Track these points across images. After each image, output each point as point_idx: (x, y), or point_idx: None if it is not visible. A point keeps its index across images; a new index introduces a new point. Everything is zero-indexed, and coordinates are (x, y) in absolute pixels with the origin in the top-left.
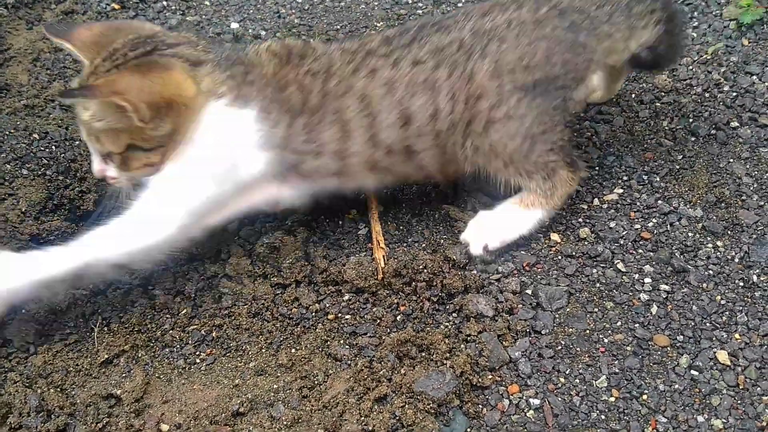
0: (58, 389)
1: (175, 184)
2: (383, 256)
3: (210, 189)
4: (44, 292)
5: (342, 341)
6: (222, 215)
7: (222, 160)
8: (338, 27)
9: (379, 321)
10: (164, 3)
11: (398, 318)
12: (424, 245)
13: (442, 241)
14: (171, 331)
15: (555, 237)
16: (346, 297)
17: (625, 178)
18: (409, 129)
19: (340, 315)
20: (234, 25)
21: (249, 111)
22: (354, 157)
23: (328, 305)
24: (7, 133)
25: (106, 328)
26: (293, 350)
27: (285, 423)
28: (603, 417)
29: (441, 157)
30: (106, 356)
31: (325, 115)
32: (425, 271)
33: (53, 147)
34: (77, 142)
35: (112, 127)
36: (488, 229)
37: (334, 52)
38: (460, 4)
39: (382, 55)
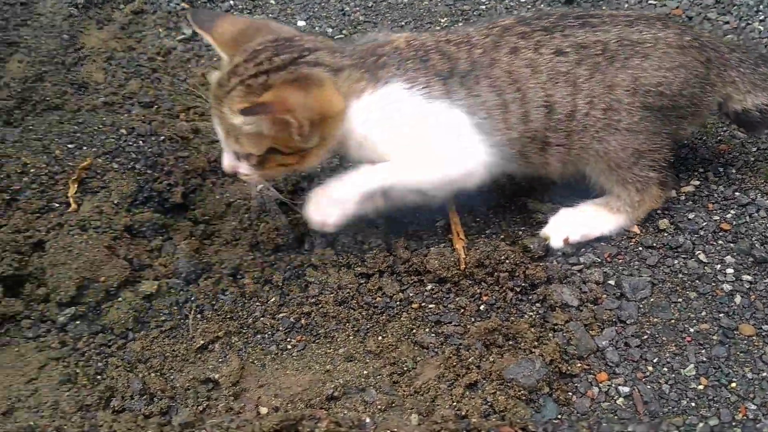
0: (158, 373)
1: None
2: (463, 247)
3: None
4: (366, 204)
5: (427, 329)
6: None
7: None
8: (402, 23)
9: (462, 310)
10: (231, 2)
11: (481, 307)
12: (502, 236)
13: (521, 232)
14: (262, 318)
15: (635, 228)
16: (429, 287)
17: (701, 170)
18: (551, 118)
19: (423, 304)
20: (300, 23)
21: (394, 85)
22: (512, 131)
23: (411, 294)
24: (96, 128)
25: (199, 316)
26: (380, 337)
27: (379, 407)
28: (693, 404)
29: (565, 156)
30: (202, 342)
31: (479, 80)
32: (507, 261)
33: (140, 142)
34: (162, 138)
35: (258, 133)
36: (570, 225)
37: (464, 28)
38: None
39: (521, 34)
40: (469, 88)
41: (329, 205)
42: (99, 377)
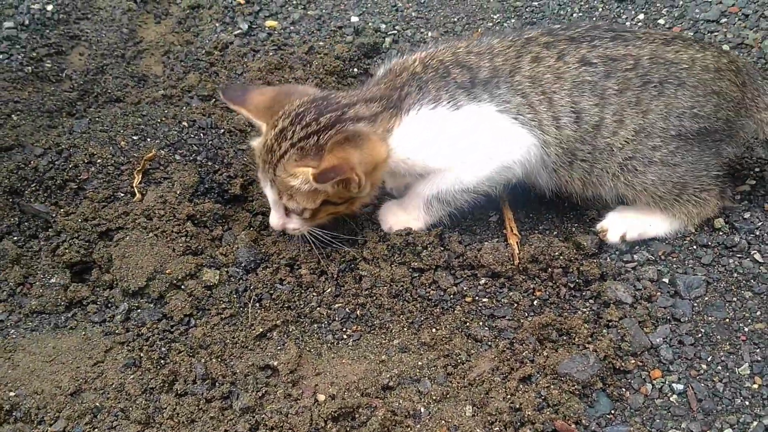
0: (219, 359)
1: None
2: (517, 242)
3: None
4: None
5: (481, 323)
6: None
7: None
8: (455, 20)
9: (516, 305)
10: None
11: (535, 302)
12: (555, 233)
13: (573, 229)
14: (318, 308)
15: (689, 227)
16: (483, 281)
17: (756, 169)
18: (580, 127)
19: (477, 298)
20: (354, 19)
21: (418, 110)
22: (547, 134)
23: (465, 288)
24: (159, 121)
25: (258, 304)
26: (434, 330)
27: (434, 398)
28: (747, 403)
29: (587, 175)
30: (261, 330)
31: (500, 85)
32: (561, 257)
33: (201, 134)
34: (222, 131)
35: (315, 190)
36: (628, 222)
37: (488, 40)
38: None
39: (544, 45)
40: (491, 92)
41: (398, 213)
42: (162, 361)
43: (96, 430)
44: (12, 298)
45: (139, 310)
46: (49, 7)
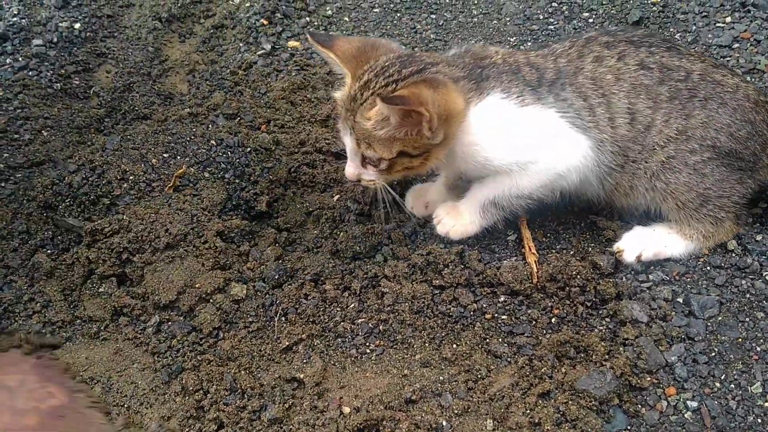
0: (247, 371)
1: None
2: (535, 261)
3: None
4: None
5: (500, 339)
6: None
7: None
8: (473, 42)
9: (534, 322)
10: (307, 19)
11: (553, 320)
12: (572, 252)
13: (590, 248)
14: (342, 323)
15: (704, 249)
16: (502, 298)
17: None
18: (633, 127)
19: (496, 315)
20: None
21: (494, 96)
22: (603, 133)
23: (485, 305)
24: (188, 139)
25: (284, 318)
26: (455, 345)
27: (455, 411)
28: (759, 420)
29: (633, 179)
30: (287, 343)
31: (564, 86)
32: (578, 276)
33: (229, 152)
34: (248, 149)
35: (391, 136)
36: (645, 242)
37: (552, 45)
38: (591, 20)
39: (605, 44)
40: (556, 94)
41: (455, 218)
42: (193, 372)
43: None
44: (45, 310)
45: (169, 323)
46: (77, 25)
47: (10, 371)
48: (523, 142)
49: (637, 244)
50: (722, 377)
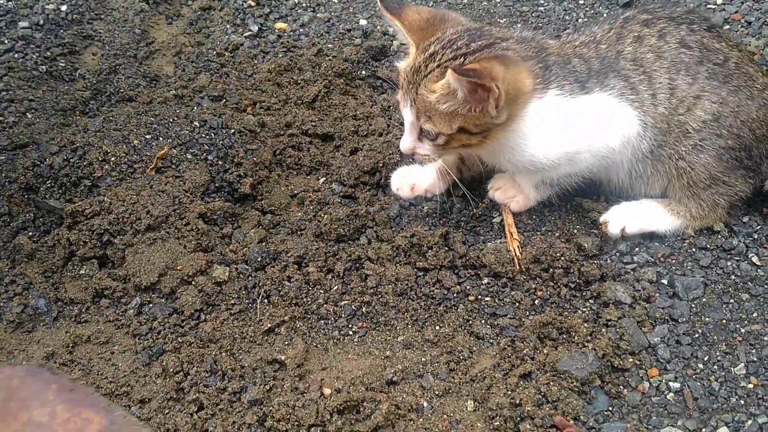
0: (228, 353)
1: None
2: (518, 246)
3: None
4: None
5: (483, 321)
6: None
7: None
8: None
9: (518, 304)
10: (296, 0)
11: (536, 302)
12: (557, 234)
13: (575, 230)
14: (325, 305)
15: (689, 230)
16: (485, 281)
17: None
18: (672, 100)
19: (480, 297)
20: (362, 22)
21: (552, 90)
22: (647, 114)
23: (468, 287)
24: (170, 120)
25: (266, 300)
26: (437, 327)
27: (436, 392)
28: (742, 402)
29: (667, 159)
30: (269, 325)
31: (608, 74)
32: (562, 258)
33: (212, 134)
34: (232, 131)
35: (453, 111)
36: (630, 216)
37: (589, 28)
38: (581, 1)
39: (643, 22)
40: (602, 81)
41: (512, 190)
42: (174, 354)
43: None
44: (27, 292)
45: (149, 306)
46: (63, 8)
47: (33, 405)
48: (574, 133)
49: (623, 216)
50: (705, 358)
